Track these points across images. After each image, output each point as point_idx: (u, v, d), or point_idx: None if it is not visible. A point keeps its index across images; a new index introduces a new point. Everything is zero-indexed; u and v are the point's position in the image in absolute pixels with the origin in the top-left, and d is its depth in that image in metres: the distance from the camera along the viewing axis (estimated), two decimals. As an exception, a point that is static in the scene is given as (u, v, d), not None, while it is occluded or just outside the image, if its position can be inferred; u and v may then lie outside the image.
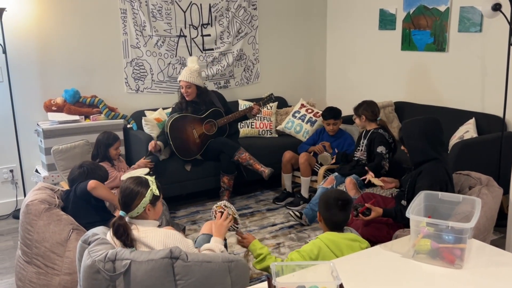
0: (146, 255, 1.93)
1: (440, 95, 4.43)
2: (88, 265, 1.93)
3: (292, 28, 5.35)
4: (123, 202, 2.08)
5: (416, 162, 2.74)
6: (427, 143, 2.68)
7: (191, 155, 4.08)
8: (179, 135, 4.01)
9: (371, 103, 3.73)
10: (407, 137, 2.76)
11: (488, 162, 3.55)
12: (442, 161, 2.68)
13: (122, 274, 1.90)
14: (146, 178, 2.14)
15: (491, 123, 3.86)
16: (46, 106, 4.08)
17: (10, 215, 4.13)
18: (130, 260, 1.91)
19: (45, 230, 2.68)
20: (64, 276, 2.66)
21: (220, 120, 4.15)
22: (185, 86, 4.01)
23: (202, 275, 1.96)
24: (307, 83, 5.56)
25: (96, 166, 3.07)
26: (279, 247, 3.43)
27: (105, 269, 1.91)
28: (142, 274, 1.89)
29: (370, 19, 5.01)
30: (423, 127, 2.71)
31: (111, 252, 1.94)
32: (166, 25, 4.57)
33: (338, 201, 2.33)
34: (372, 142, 3.64)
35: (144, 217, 2.11)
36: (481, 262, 1.95)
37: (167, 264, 1.91)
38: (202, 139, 4.10)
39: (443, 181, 2.61)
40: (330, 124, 4.19)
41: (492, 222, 2.59)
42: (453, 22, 4.21)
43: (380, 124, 3.72)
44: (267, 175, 3.95)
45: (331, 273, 1.62)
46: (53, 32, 4.13)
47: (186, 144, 4.04)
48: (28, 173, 4.15)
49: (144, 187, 2.09)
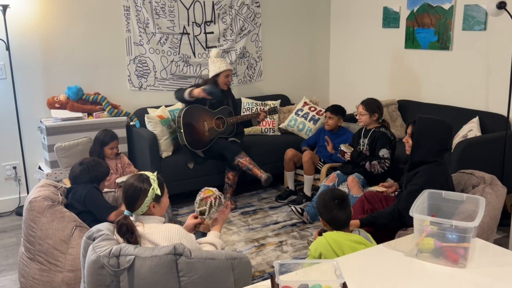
0: (150, 251, 1.94)
1: (443, 93, 4.41)
2: (92, 260, 1.94)
3: (296, 26, 5.34)
4: (127, 202, 2.08)
5: (416, 160, 2.70)
6: (434, 146, 2.65)
7: (198, 146, 4.10)
8: (191, 122, 4.05)
9: (380, 102, 3.72)
10: (419, 132, 2.68)
11: (492, 161, 3.54)
12: (442, 164, 2.66)
13: (126, 270, 1.91)
14: (147, 175, 2.14)
15: (495, 122, 3.85)
16: (49, 103, 4.09)
17: (13, 212, 4.14)
18: (134, 256, 1.91)
19: (48, 227, 2.69)
20: (67, 273, 2.67)
21: (229, 118, 4.19)
22: (230, 75, 4.15)
23: (206, 272, 1.96)
24: (310, 81, 5.55)
25: (97, 163, 3.03)
26: (281, 245, 3.43)
27: (110, 265, 1.91)
28: (146, 270, 1.90)
29: (373, 17, 4.99)
30: (439, 129, 2.66)
31: (115, 248, 1.95)
32: (169, 23, 4.57)
33: (334, 200, 2.31)
34: (374, 141, 3.61)
35: (150, 213, 2.11)
36: (484, 261, 1.94)
37: (170, 261, 1.91)
38: (211, 134, 4.13)
39: (437, 185, 2.54)
40: (326, 116, 4.20)
41: (496, 221, 2.58)
42: (457, 20, 4.19)
43: (380, 123, 3.69)
44: (264, 181, 3.93)
45: (334, 271, 1.62)
46: (57, 29, 4.13)
47: (196, 134, 4.08)
48: (31, 170, 4.16)
49: (146, 186, 2.08)
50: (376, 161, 3.51)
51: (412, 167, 2.75)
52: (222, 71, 4.08)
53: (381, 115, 3.68)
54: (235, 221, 3.88)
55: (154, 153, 4.02)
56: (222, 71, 4.09)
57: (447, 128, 2.70)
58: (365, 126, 3.72)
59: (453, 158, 3.45)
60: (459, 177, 2.87)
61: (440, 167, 2.65)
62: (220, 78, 4.10)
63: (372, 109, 3.64)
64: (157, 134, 4.08)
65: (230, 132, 4.23)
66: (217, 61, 4.13)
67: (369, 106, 3.64)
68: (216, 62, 4.14)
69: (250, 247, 3.40)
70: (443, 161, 2.68)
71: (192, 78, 4.80)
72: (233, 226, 3.77)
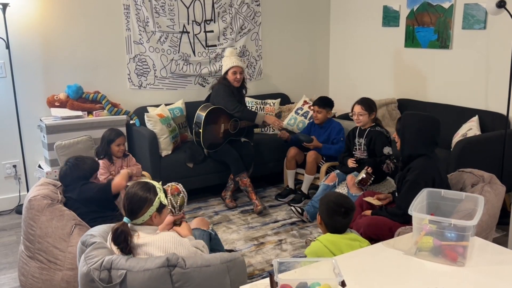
0: (143, 263, 1.88)
1: (443, 92, 4.41)
2: (84, 273, 1.90)
3: (295, 25, 5.33)
4: (129, 209, 2.01)
5: (405, 154, 2.74)
6: (420, 139, 2.68)
7: (210, 147, 4.11)
8: (212, 123, 4.05)
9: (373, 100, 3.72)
10: (403, 127, 2.76)
11: (491, 160, 3.54)
12: (432, 158, 2.68)
13: (118, 285, 1.85)
14: (153, 184, 2.08)
15: (494, 120, 3.85)
16: (49, 101, 4.09)
17: (13, 210, 4.15)
18: (126, 270, 1.86)
19: (48, 225, 2.69)
20: (67, 271, 2.67)
21: (243, 121, 4.17)
22: (239, 72, 4.08)
23: (202, 280, 1.92)
24: (310, 79, 5.55)
25: (80, 161, 2.95)
26: (281, 243, 3.43)
27: (100, 279, 1.86)
28: (138, 284, 1.85)
29: (373, 16, 4.99)
30: (420, 123, 2.71)
31: (106, 260, 1.89)
32: (169, 21, 4.57)
33: (341, 208, 2.28)
34: (372, 140, 3.60)
35: (148, 224, 2.05)
36: (483, 260, 1.94)
37: (164, 273, 1.86)
38: (224, 135, 4.13)
39: (429, 176, 2.61)
40: (314, 111, 4.19)
41: (495, 219, 2.58)
42: (457, 19, 4.19)
43: (374, 121, 3.68)
44: (257, 211, 3.95)
45: (333, 270, 1.62)
46: (56, 28, 4.13)
47: (212, 135, 4.09)
48: (31, 168, 4.16)
49: (152, 195, 2.02)
50: (388, 160, 3.51)
51: (404, 163, 2.78)
52: (229, 68, 4.07)
53: (376, 113, 3.69)
54: (234, 219, 3.89)
55: (154, 152, 4.02)
56: (229, 68, 4.07)
57: (432, 122, 2.73)
58: (360, 126, 3.69)
59: (452, 157, 3.46)
60: (458, 176, 2.87)
61: (430, 161, 2.67)
62: (228, 75, 4.09)
63: (371, 108, 3.63)
64: (157, 132, 4.09)
65: (241, 134, 4.24)
66: (227, 59, 4.13)
67: (367, 105, 3.63)
68: (225, 59, 4.15)
69: (249, 246, 3.40)
70: (433, 155, 2.70)
71: (192, 76, 4.80)
72: (232, 225, 3.77)
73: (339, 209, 2.28)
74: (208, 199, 4.32)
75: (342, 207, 2.28)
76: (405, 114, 2.82)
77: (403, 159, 2.78)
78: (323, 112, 4.16)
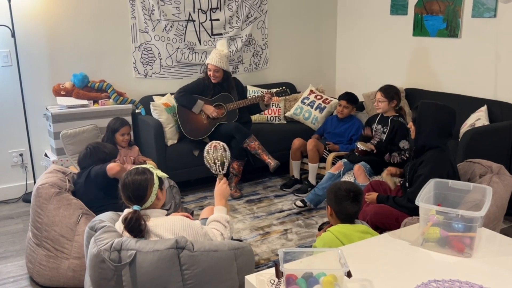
0: (152, 244, 1.91)
1: (451, 82, 4.36)
2: (94, 254, 1.93)
3: (302, 13, 5.28)
4: (135, 195, 2.04)
5: (419, 145, 2.71)
6: (435, 130, 2.65)
7: (198, 135, 4.10)
8: (187, 113, 4.06)
9: (398, 89, 3.68)
10: (419, 116, 2.72)
11: (500, 150, 3.51)
12: (445, 151, 2.65)
13: (128, 265, 1.89)
14: (143, 166, 2.12)
15: (503, 110, 3.80)
16: (55, 90, 4.09)
17: (20, 199, 4.18)
18: (135, 250, 1.89)
19: (55, 214, 2.71)
20: (73, 260, 2.69)
21: (230, 104, 4.15)
22: (213, 70, 4.07)
23: (209, 264, 1.95)
24: (316, 69, 5.50)
25: (101, 145, 3.03)
26: (286, 233, 3.44)
27: (111, 259, 1.89)
28: (148, 264, 1.88)
29: (381, 4, 4.92)
30: (437, 113, 2.67)
31: (116, 242, 1.92)
32: (174, 9, 4.53)
33: (350, 192, 2.28)
34: (393, 131, 3.57)
35: (155, 205, 2.10)
36: (490, 251, 1.93)
37: (172, 255, 1.90)
38: (210, 121, 4.11)
39: (444, 170, 2.57)
40: (342, 105, 4.18)
41: (503, 210, 2.56)
42: (467, 7, 4.13)
43: (397, 111, 3.66)
44: (272, 168, 3.95)
45: (339, 260, 1.62)
46: (62, 16, 4.11)
47: (193, 122, 4.09)
48: (37, 157, 4.18)
49: (149, 174, 2.08)
50: (396, 153, 3.50)
51: (416, 153, 2.74)
52: (207, 64, 4.12)
53: (399, 102, 3.65)
54: (240, 209, 3.89)
55: (160, 141, 4.02)
56: (207, 63, 4.11)
57: (449, 113, 2.69)
58: (382, 113, 3.68)
59: (460, 147, 3.43)
60: (466, 166, 2.85)
61: (443, 154, 2.64)
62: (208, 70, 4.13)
63: (390, 96, 3.60)
64: (163, 122, 4.08)
65: (233, 119, 4.19)
66: (212, 52, 4.12)
67: (387, 93, 3.60)
68: (211, 53, 4.14)
69: (255, 235, 3.41)
70: (446, 147, 2.67)
71: (197, 65, 4.78)
72: (238, 214, 3.78)
73: (347, 194, 2.28)
74: (213, 189, 4.30)
75: (351, 191, 2.29)
76: (422, 102, 2.76)
77: (417, 148, 2.75)
78: (350, 108, 4.17)
